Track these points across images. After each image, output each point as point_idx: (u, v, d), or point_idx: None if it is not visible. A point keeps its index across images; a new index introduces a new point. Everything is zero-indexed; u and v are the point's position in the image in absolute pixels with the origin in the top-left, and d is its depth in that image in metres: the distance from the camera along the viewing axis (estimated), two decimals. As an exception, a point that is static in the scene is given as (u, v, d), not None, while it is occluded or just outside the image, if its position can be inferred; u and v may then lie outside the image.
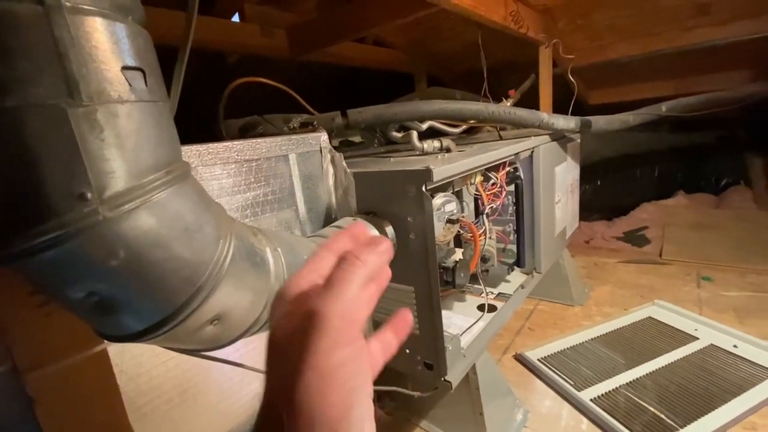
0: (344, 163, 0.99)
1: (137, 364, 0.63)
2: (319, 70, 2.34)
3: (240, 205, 0.79)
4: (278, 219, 0.90)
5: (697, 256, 2.13)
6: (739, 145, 3.18)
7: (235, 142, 0.79)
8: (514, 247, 1.48)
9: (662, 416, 1.08)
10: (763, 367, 1.21)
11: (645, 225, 2.70)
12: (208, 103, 1.22)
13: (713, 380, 1.20)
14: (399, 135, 1.31)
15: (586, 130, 1.52)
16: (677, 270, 2.01)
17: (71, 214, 0.29)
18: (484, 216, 1.16)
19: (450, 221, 0.98)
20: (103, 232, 0.30)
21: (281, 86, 1.19)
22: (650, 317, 1.57)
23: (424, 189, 0.83)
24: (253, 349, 0.82)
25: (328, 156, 0.99)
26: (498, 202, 1.21)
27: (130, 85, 0.32)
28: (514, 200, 1.41)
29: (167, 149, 0.35)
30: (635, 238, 2.59)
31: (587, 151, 1.94)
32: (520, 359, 1.40)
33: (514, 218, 1.43)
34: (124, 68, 0.32)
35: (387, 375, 1.10)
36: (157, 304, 0.35)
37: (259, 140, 0.84)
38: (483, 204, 1.17)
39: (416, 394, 0.97)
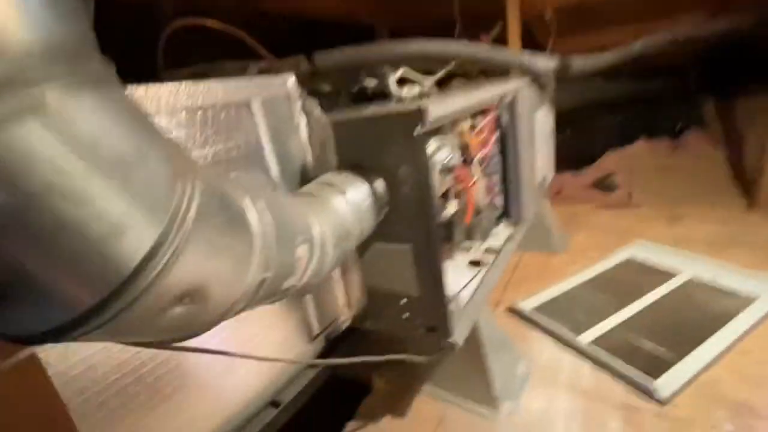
0: (319, 112, 0.85)
1: (89, 369, 0.49)
2: (270, 22, 2.09)
3: (198, 163, 0.64)
4: (247, 181, 0.76)
5: (666, 197, 2.20)
6: (691, 90, 3.29)
7: (183, 85, 0.63)
8: (498, 200, 1.42)
9: (658, 352, 1.09)
10: (744, 295, 1.25)
11: (612, 172, 2.75)
12: (145, 58, 1.02)
13: (700, 312, 1.22)
14: (372, 83, 1.17)
15: (566, 71, 1.44)
16: (649, 212, 2.06)
17: None
18: (474, 165, 1.07)
19: (445, 170, 0.87)
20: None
21: (231, 28, 1.01)
22: (631, 258, 1.59)
23: (417, 132, 0.72)
24: (236, 330, 0.70)
25: (298, 103, 0.84)
26: (487, 150, 1.13)
27: None
28: (499, 150, 1.33)
29: (64, 26, 0.21)
30: (604, 185, 2.63)
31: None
32: (515, 311, 1.37)
33: (498, 168, 1.36)
34: None
35: (381, 344, 1.01)
36: (83, 281, 0.22)
37: (212, 83, 0.68)
38: (472, 152, 1.07)
39: (422, 359, 0.90)
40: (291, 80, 0.84)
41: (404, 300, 0.91)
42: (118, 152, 0.22)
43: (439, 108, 0.76)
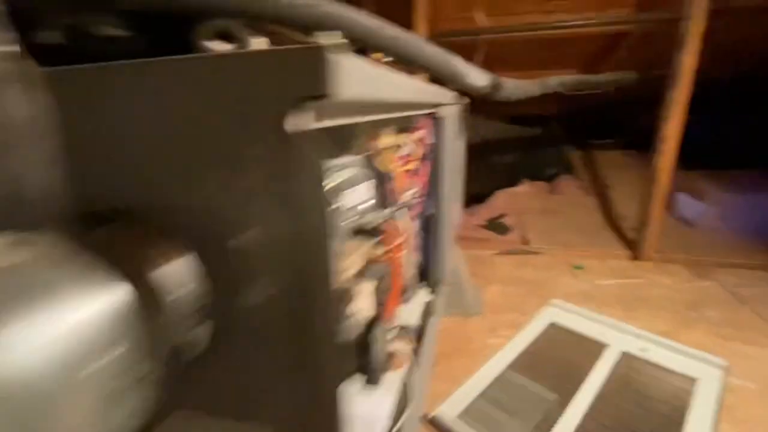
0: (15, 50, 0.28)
1: None
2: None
3: None
4: None
5: (558, 242, 2.14)
6: (556, 139, 3.60)
7: None
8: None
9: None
10: (685, 375, 1.08)
11: (502, 213, 2.69)
12: None
13: (652, 405, 0.98)
14: (221, 45, 0.64)
15: (497, 92, 1.15)
16: (550, 260, 1.94)
17: None
18: (400, 210, 0.62)
19: (363, 232, 0.39)
20: None
21: None
22: (553, 323, 1.35)
23: (298, 123, 0.22)
24: None
25: None
26: (419, 185, 0.69)
27: None
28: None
29: None
30: (497, 226, 2.52)
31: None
32: (436, 423, 0.93)
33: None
34: None
35: None
36: None
37: None
38: (397, 191, 0.62)
39: None
40: None
41: None
42: None
43: (361, 71, 0.28)
